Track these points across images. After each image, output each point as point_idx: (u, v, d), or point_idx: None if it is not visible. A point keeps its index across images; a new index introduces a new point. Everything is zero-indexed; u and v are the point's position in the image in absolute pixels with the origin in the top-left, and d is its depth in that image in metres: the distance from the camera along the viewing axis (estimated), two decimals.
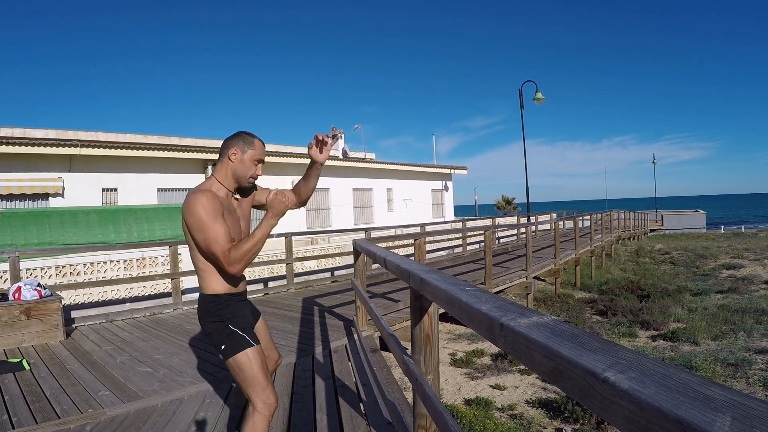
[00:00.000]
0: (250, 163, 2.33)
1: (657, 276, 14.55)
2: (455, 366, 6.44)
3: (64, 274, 8.24)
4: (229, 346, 2.23)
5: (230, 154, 2.31)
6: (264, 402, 2.21)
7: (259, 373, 2.22)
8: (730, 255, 18.41)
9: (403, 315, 6.37)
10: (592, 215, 17.37)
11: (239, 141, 2.33)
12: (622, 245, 22.79)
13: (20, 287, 5.75)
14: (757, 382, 5.72)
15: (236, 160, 2.32)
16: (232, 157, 2.31)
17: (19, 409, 3.63)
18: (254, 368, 2.21)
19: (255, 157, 2.34)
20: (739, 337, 7.63)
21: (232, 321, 2.26)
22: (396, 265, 2.73)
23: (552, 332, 1.00)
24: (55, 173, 11.05)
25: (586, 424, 4.64)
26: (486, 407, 4.94)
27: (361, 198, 19.21)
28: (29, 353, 5.21)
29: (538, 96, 16.73)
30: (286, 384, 4.04)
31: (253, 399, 2.23)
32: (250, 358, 2.22)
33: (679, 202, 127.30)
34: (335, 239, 13.42)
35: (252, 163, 2.34)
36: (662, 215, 37.42)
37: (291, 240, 9.29)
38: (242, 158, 2.32)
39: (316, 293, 8.72)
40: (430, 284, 1.88)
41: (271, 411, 2.23)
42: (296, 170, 16.30)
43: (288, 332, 5.88)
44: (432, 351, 2.23)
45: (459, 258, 13.94)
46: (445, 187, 23.58)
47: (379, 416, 3.36)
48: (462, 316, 1.48)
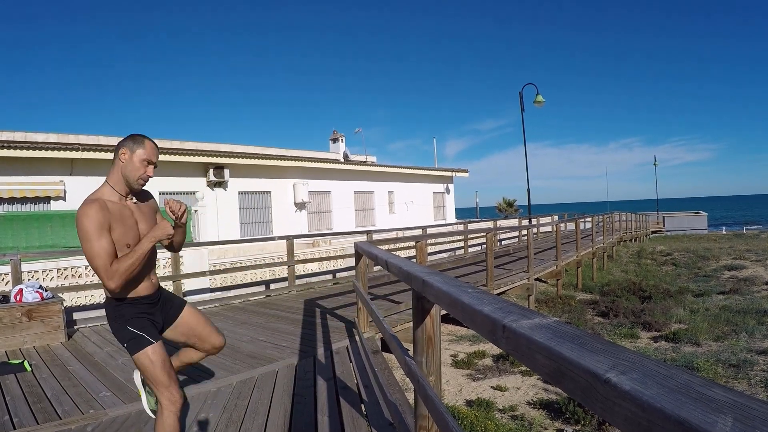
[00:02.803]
0: (139, 164, 2.35)
1: (658, 277, 14.53)
2: (457, 367, 6.44)
3: (65, 276, 8.25)
4: (130, 345, 2.33)
5: (120, 155, 2.35)
6: (169, 399, 2.32)
7: (161, 371, 2.31)
8: (732, 256, 18.38)
9: (405, 316, 6.37)
10: (593, 217, 17.36)
11: (129, 141, 2.36)
12: (624, 247, 22.77)
13: (22, 289, 5.76)
14: (758, 383, 5.71)
15: (125, 160, 2.34)
16: (122, 158, 2.34)
17: (21, 409, 3.64)
18: (156, 367, 2.31)
19: (143, 156, 2.35)
20: (741, 338, 7.61)
21: (130, 322, 2.34)
22: (398, 267, 2.73)
23: (554, 333, 1.00)
24: (56, 177, 11.07)
25: (587, 426, 4.63)
26: (487, 408, 4.93)
27: (363, 201, 19.22)
28: (31, 354, 5.22)
29: (539, 99, 16.72)
30: (288, 385, 4.04)
31: (159, 396, 2.33)
32: (150, 358, 2.31)
33: (682, 204, 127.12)
34: (337, 242, 13.43)
35: (141, 163, 2.35)
36: (664, 217, 37.38)
37: (293, 242, 9.30)
38: (131, 158, 2.34)
39: (318, 295, 8.72)
40: (432, 286, 1.88)
41: (177, 407, 2.33)
42: (297, 173, 16.32)
43: (290, 334, 5.88)
44: (434, 352, 2.24)
45: (460, 260, 13.93)
46: (447, 190, 23.58)
47: (380, 417, 3.36)
48: (464, 318, 1.49)
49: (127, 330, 2.33)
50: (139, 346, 2.31)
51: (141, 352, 2.31)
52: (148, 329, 2.36)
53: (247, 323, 6.65)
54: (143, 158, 2.34)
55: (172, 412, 2.31)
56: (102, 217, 2.21)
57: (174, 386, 2.34)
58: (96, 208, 2.21)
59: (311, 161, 16.81)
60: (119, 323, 2.35)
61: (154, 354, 2.32)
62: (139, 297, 2.41)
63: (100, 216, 2.20)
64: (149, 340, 2.33)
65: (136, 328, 2.34)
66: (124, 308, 2.36)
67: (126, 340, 2.34)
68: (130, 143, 2.35)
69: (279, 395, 3.83)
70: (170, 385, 2.32)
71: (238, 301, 8.43)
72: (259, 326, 6.42)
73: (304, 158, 16.83)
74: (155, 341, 2.35)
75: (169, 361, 2.39)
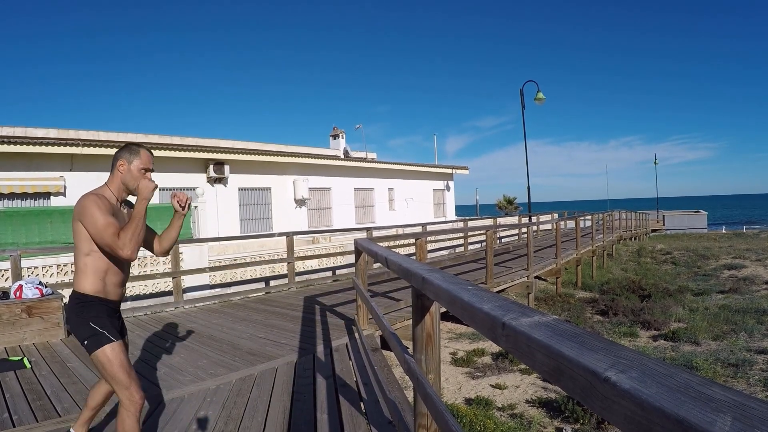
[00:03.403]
0: (137, 173, 2.51)
1: (658, 276, 14.54)
2: (456, 365, 6.45)
3: (65, 273, 8.25)
4: (89, 342, 2.36)
5: (118, 166, 2.51)
6: (128, 399, 2.32)
7: (120, 371, 2.33)
8: (732, 255, 18.38)
9: (404, 314, 6.37)
10: (593, 215, 17.37)
11: (126, 152, 2.51)
12: (624, 245, 22.77)
13: (22, 286, 5.77)
14: (757, 382, 5.72)
15: (124, 170, 2.50)
16: (121, 169, 2.50)
17: (20, 407, 3.64)
18: (114, 366, 2.33)
19: (141, 166, 2.52)
20: (740, 338, 7.62)
21: (93, 319, 2.38)
22: (398, 265, 2.73)
23: (554, 332, 1.00)
24: (56, 172, 11.06)
25: (586, 424, 4.64)
26: (486, 406, 4.94)
27: (363, 197, 19.21)
28: (30, 351, 5.23)
29: (539, 96, 16.71)
30: (287, 382, 4.05)
31: (119, 396, 2.35)
32: (108, 356, 2.34)
33: (682, 203, 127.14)
34: (337, 238, 13.43)
35: (139, 172, 2.52)
36: (664, 215, 37.37)
37: (292, 239, 9.30)
38: (129, 168, 2.50)
39: (318, 292, 8.72)
40: (432, 283, 1.88)
41: (137, 408, 2.34)
42: (297, 170, 16.31)
43: (289, 331, 5.89)
44: (433, 350, 2.24)
45: (460, 257, 13.94)
46: (447, 187, 23.57)
47: (379, 415, 3.37)
48: (464, 316, 1.49)
49: (89, 326, 2.36)
50: (99, 343, 2.34)
51: (100, 350, 2.34)
52: (109, 329, 2.40)
53: (247, 320, 6.66)
54: (140, 167, 2.52)
55: (131, 412, 2.32)
56: (107, 204, 2.41)
57: (134, 386, 2.35)
58: (101, 196, 2.42)
59: (311, 157, 16.80)
60: (81, 319, 2.39)
61: (113, 352, 2.35)
62: (107, 299, 2.47)
63: (106, 203, 2.40)
64: (109, 338, 2.36)
65: (98, 325, 2.37)
66: (90, 306, 2.40)
67: (86, 337, 2.36)
68: (126, 155, 2.51)
69: (278, 393, 3.83)
70: (130, 384, 2.34)
71: (237, 298, 8.44)
72: (259, 323, 6.42)
73: (304, 154, 16.83)
74: (115, 340, 2.38)
75: (128, 363, 2.41)
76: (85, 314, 2.38)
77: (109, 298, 2.48)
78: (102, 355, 2.33)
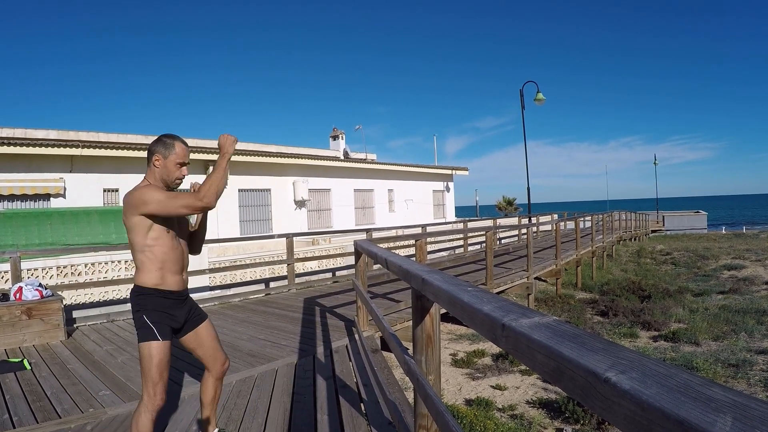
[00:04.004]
0: (173, 167, 2.49)
1: (658, 276, 14.54)
2: (456, 366, 6.45)
3: (65, 275, 8.25)
4: (139, 333, 2.40)
5: (154, 161, 2.48)
6: (149, 396, 2.34)
7: (155, 369, 2.34)
8: (732, 256, 18.38)
9: (404, 315, 6.37)
10: (593, 216, 17.36)
11: (160, 146, 2.48)
12: (624, 246, 22.77)
13: (21, 287, 5.76)
14: (758, 382, 5.72)
15: (160, 165, 2.48)
16: (156, 164, 2.48)
17: (20, 408, 3.63)
18: (152, 363, 2.35)
19: (177, 160, 2.49)
20: (740, 338, 7.62)
21: (147, 312, 2.40)
22: (398, 266, 2.73)
23: (554, 332, 1.00)
24: (56, 174, 11.07)
25: (586, 425, 4.64)
26: (487, 407, 4.94)
27: (363, 199, 19.22)
28: (30, 353, 5.22)
29: (539, 96, 16.71)
30: (287, 384, 4.05)
31: (143, 390, 2.36)
32: (151, 352, 2.35)
33: (682, 203, 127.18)
34: (336, 240, 13.42)
35: (175, 166, 2.49)
36: (663, 216, 37.37)
37: (292, 240, 9.30)
38: (165, 163, 2.48)
39: (318, 293, 8.72)
40: (432, 285, 1.88)
41: (154, 406, 2.34)
42: (297, 171, 16.32)
43: (289, 332, 5.88)
44: (433, 351, 2.24)
45: (460, 259, 13.94)
46: (447, 188, 23.58)
47: (379, 416, 3.36)
48: (464, 317, 1.49)
49: (143, 319, 2.39)
50: (146, 337, 2.38)
51: (145, 344, 2.37)
52: (161, 326, 2.40)
53: (247, 321, 6.65)
54: (176, 162, 2.50)
55: (148, 410, 2.33)
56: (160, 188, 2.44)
57: (160, 387, 2.36)
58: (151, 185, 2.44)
59: (311, 159, 16.81)
60: (139, 309, 2.42)
61: (156, 350, 2.36)
62: (166, 290, 2.45)
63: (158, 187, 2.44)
64: (156, 336, 2.37)
65: (151, 320, 2.39)
66: (148, 298, 2.41)
67: (138, 327, 2.42)
68: (161, 149, 2.48)
69: (278, 394, 3.83)
70: (158, 383, 2.35)
71: (237, 300, 8.44)
72: (259, 325, 6.42)
73: (304, 156, 16.84)
74: (162, 339, 2.38)
75: (167, 364, 2.41)
76: (141, 306, 2.41)
77: (170, 289, 2.46)
78: (145, 348, 2.36)
